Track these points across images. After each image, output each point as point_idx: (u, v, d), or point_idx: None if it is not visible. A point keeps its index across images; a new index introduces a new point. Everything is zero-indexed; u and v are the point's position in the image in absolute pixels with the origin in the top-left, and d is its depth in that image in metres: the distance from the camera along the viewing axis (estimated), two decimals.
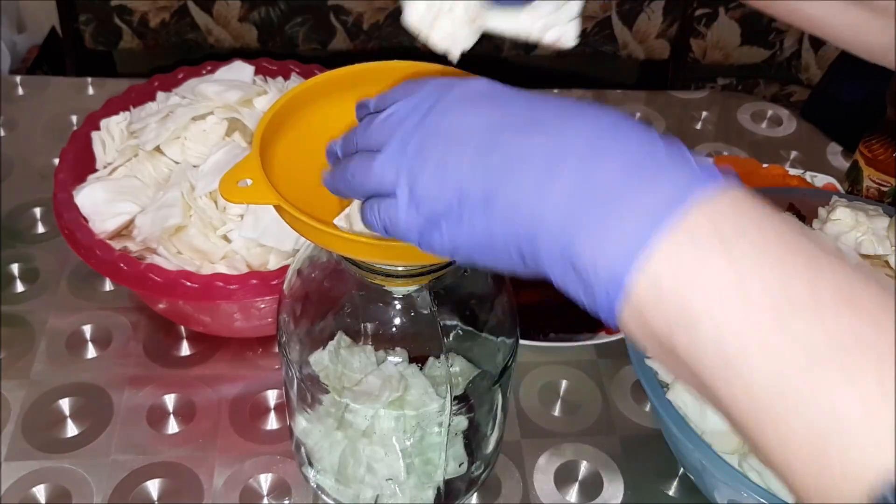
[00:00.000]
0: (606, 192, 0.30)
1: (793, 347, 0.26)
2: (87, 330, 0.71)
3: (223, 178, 0.43)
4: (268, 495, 0.61)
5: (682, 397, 0.57)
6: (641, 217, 0.29)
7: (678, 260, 0.28)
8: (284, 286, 0.55)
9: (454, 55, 0.42)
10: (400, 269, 0.47)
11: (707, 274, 0.28)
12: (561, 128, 0.32)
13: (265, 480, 0.62)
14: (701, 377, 0.29)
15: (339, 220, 0.43)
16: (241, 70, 0.77)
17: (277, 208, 0.43)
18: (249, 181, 0.43)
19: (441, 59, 0.45)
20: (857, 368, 0.25)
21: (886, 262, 0.64)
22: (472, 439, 0.58)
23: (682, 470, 0.64)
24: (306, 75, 0.80)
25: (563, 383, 0.71)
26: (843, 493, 0.25)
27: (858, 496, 0.25)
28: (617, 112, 0.32)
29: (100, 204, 0.66)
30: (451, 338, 0.54)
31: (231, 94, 0.71)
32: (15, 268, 0.76)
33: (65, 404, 0.65)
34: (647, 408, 0.69)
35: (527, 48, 1.41)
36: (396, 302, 0.51)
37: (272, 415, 0.66)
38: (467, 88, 0.35)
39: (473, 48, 0.43)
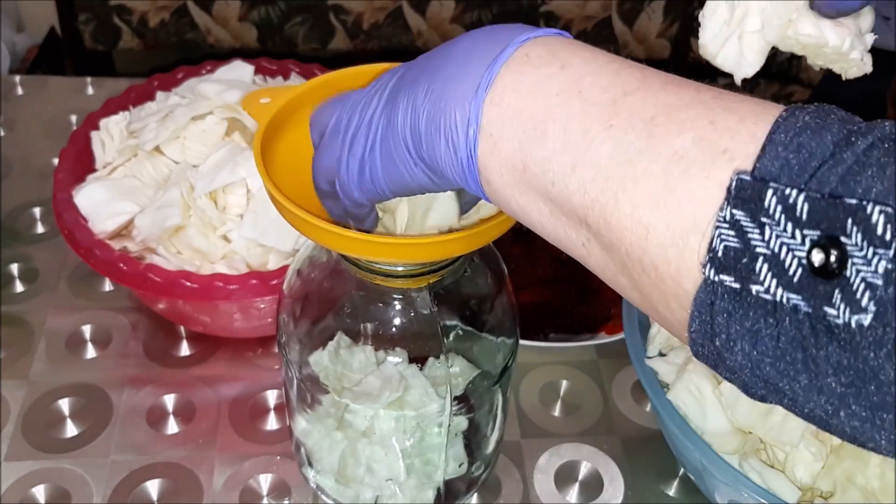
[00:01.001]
0: (460, 58, 0.34)
1: (631, 120, 0.29)
2: (87, 330, 0.71)
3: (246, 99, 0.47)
4: (267, 495, 0.61)
5: (682, 397, 0.57)
6: (487, 58, 0.33)
7: (519, 79, 0.32)
8: (284, 286, 0.55)
9: (738, 77, 0.41)
10: (399, 269, 0.47)
11: (546, 84, 0.31)
12: (445, 46, 0.36)
13: (265, 481, 0.62)
14: (551, 186, 0.31)
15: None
16: (240, 70, 0.77)
17: (279, 207, 0.43)
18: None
19: None
20: (687, 118, 0.28)
21: None
22: (472, 439, 0.58)
23: (682, 470, 0.64)
24: (306, 75, 0.80)
25: (563, 383, 0.71)
26: (697, 215, 0.27)
27: (715, 203, 0.26)
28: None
29: (99, 204, 0.66)
30: (451, 338, 0.54)
31: (231, 94, 0.71)
32: (14, 268, 0.76)
33: (64, 404, 0.65)
34: (648, 408, 0.69)
35: None
36: (396, 302, 0.51)
37: (272, 415, 0.66)
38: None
39: None
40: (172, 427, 0.65)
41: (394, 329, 0.52)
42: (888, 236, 0.23)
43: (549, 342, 0.71)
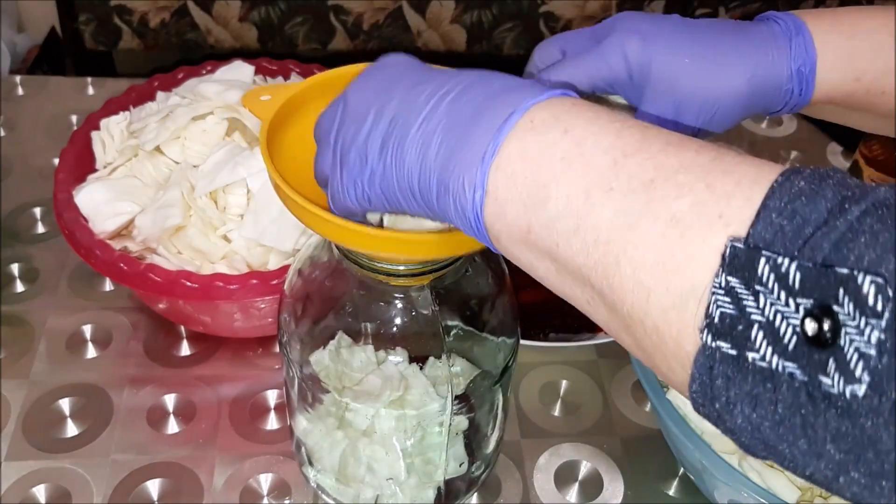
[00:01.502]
0: (468, 118, 0.35)
1: (630, 183, 0.30)
2: (87, 330, 0.71)
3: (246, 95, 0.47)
4: (268, 495, 0.61)
5: (682, 397, 0.57)
6: (494, 125, 0.33)
7: (523, 145, 0.33)
8: (285, 286, 0.55)
9: None
10: (401, 267, 0.47)
11: (550, 150, 0.32)
12: (441, 81, 0.37)
13: (265, 480, 0.62)
14: (556, 247, 0.32)
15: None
16: (240, 70, 0.77)
17: (284, 199, 0.43)
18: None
19: (441, 58, 0.45)
20: (685, 182, 0.29)
21: None
22: (472, 439, 0.58)
23: (682, 470, 0.64)
24: (306, 75, 0.80)
25: (564, 383, 0.71)
26: (695, 279, 0.27)
27: (711, 269, 0.27)
28: (497, 72, 0.37)
29: (100, 204, 0.66)
30: (451, 337, 0.54)
31: (231, 94, 0.71)
32: (15, 268, 0.76)
33: (65, 404, 0.65)
34: (647, 408, 0.69)
35: (528, 47, 1.41)
36: (397, 301, 0.51)
37: (272, 415, 0.66)
38: (366, 77, 0.40)
39: (473, 47, 0.44)
40: (173, 427, 0.65)
41: (395, 328, 0.52)
42: (879, 306, 0.23)
43: (549, 342, 0.71)
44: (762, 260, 0.25)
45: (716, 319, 0.26)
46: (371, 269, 0.47)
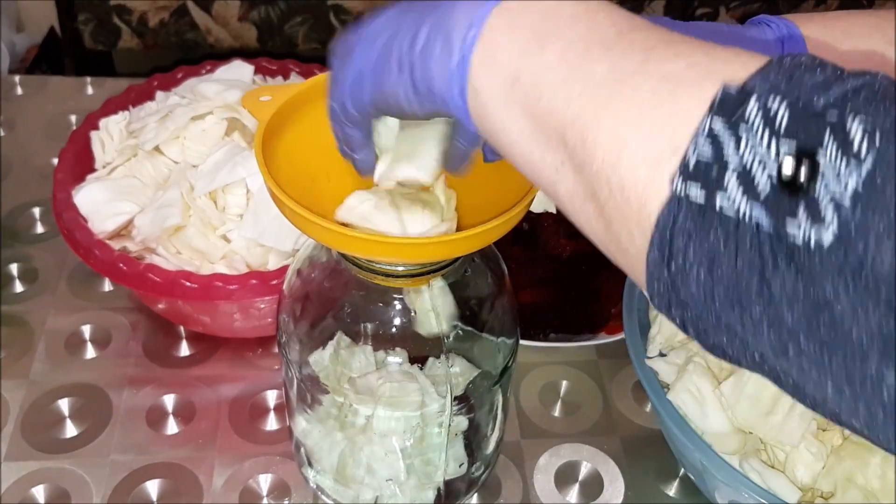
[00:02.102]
0: None
1: (631, 47, 0.30)
2: (87, 330, 0.71)
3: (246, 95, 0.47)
4: (267, 496, 0.61)
5: (682, 397, 0.57)
6: None
7: None
8: (284, 286, 0.55)
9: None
10: (400, 268, 0.47)
11: (558, 7, 0.32)
12: None
13: (265, 481, 0.62)
14: (537, 101, 0.31)
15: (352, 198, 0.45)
16: (240, 69, 0.77)
17: (279, 204, 0.43)
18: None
19: None
20: (684, 50, 0.28)
21: None
22: (472, 439, 0.58)
23: (682, 470, 0.64)
24: (306, 75, 0.80)
25: (563, 383, 0.71)
26: (676, 134, 0.27)
27: (693, 124, 0.26)
28: None
29: (99, 204, 0.66)
30: (451, 338, 0.54)
31: (230, 94, 0.71)
32: (14, 268, 0.76)
33: (64, 404, 0.65)
34: (648, 408, 0.69)
35: None
36: (396, 302, 0.51)
37: (272, 415, 0.66)
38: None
39: None
40: (172, 427, 0.65)
41: (394, 329, 0.52)
42: (864, 152, 0.22)
43: (549, 342, 0.71)
44: (752, 99, 0.25)
45: (690, 165, 0.26)
46: (369, 269, 0.47)
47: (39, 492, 0.60)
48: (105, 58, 1.48)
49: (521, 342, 0.57)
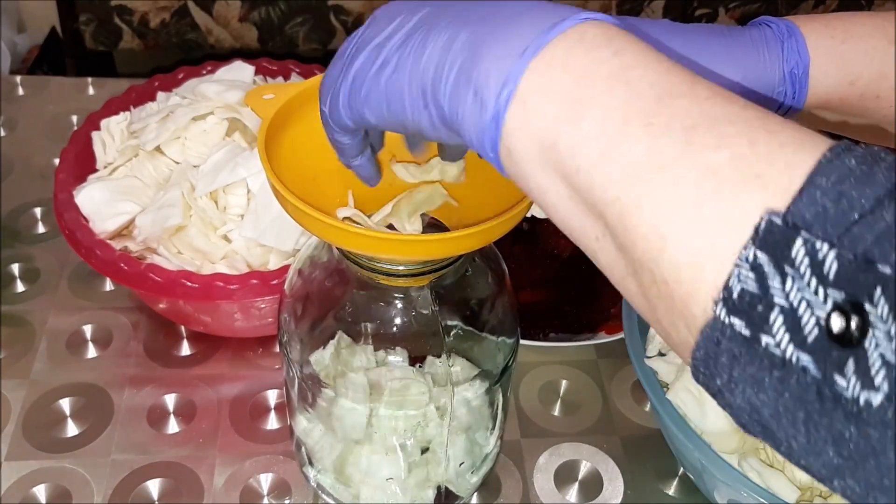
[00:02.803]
0: (511, 16, 0.33)
1: (671, 123, 0.28)
2: (88, 330, 0.71)
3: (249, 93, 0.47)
4: (268, 495, 0.61)
5: (681, 397, 0.57)
6: (540, 26, 0.31)
7: (570, 55, 0.31)
8: (285, 286, 0.55)
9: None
10: (401, 267, 0.47)
11: (595, 67, 0.30)
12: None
13: (265, 480, 0.62)
14: (576, 172, 0.30)
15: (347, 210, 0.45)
16: (241, 70, 0.77)
17: (281, 201, 0.43)
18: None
19: None
20: (727, 133, 0.27)
21: None
22: (472, 439, 0.58)
23: (682, 470, 0.65)
24: (306, 75, 0.80)
25: (563, 383, 0.71)
26: (719, 241, 0.26)
27: (738, 233, 0.25)
28: None
29: (100, 204, 0.66)
30: (451, 337, 0.54)
31: (231, 94, 0.71)
32: (15, 268, 0.76)
33: (65, 404, 0.65)
34: (647, 408, 0.69)
35: None
36: (397, 301, 0.51)
37: (272, 415, 0.66)
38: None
39: None
40: (173, 426, 0.65)
41: (395, 328, 0.52)
42: None
43: (549, 342, 0.71)
44: (799, 241, 0.24)
45: (734, 294, 0.25)
46: (371, 269, 0.47)
47: (40, 491, 0.60)
48: (106, 58, 1.48)
49: (521, 342, 0.57)
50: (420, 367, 0.54)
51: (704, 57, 0.45)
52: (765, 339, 0.24)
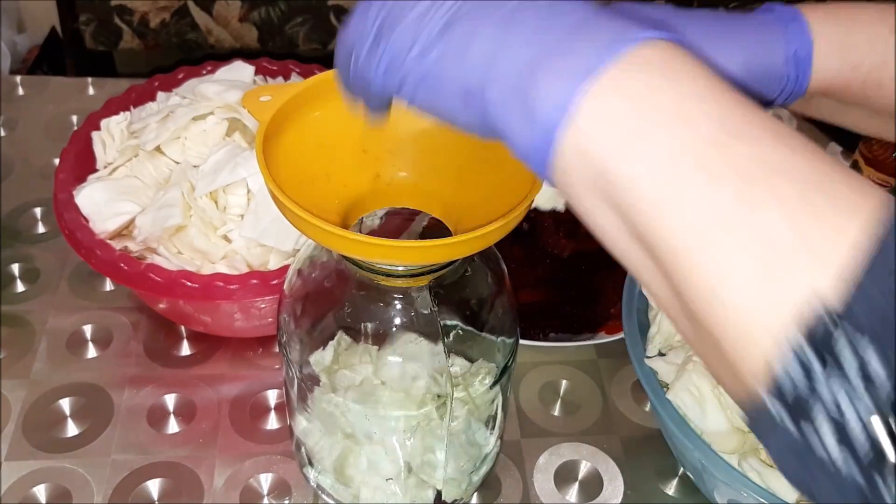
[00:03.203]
0: (571, 26, 0.31)
1: (726, 172, 0.27)
2: (88, 330, 0.71)
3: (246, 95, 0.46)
4: (268, 495, 0.61)
5: (681, 397, 0.57)
6: (599, 43, 0.30)
7: (627, 81, 0.29)
8: (285, 286, 0.55)
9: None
10: (400, 268, 0.47)
11: (653, 97, 0.29)
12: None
13: (265, 480, 0.62)
14: (630, 207, 0.29)
15: None
16: (241, 70, 0.77)
17: (280, 206, 0.43)
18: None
19: None
20: (782, 186, 0.26)
21: None
22: (472, 439, 0.58)
23: (682, 470, 0.65)
24: (306, 75, 0.80)
25: (563, 383, 0.71)
26: (770, 320, 0.25)
27: (789, 314, 0.25)
28: None
29: (100, 204, 0.66)
30: (451, 337, 0.54)
31: (231, 94, 0.71)
32: (15, 268, 0.76)
33: (65, 404, 0.65)
34: (647, 408, 0.69)
35: None
36: (397, 301, 0.51)
37: (272, 415, 0.66)
38: None
39: None
40: (173, 426, 0.65)
41: (394, 329, 0.52)
42: None
43: (549, 342, 0.71)
44: (843, 340, 0.24)
45: (780, 382, 0.25)
46: (370, 269, 0.47)
47: (40, 491, 0.60)
48: (106, 58, 1.48)
49: (521, 342, 0.57)
50: (419, 366, 0.54)
51: (708, 39, 0.44)
52: (808, 434, 0.25)
